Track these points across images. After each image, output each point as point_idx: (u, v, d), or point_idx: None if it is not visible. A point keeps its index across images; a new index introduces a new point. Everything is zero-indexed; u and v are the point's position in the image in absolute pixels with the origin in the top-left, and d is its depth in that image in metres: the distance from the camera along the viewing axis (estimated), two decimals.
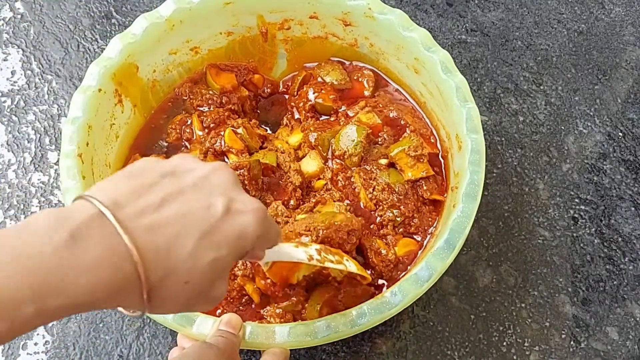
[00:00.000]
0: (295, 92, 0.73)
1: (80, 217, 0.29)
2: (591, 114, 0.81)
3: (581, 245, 0.71)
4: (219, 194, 0.34)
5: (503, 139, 0.78)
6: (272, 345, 0.51)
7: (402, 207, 0.63)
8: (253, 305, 0.59)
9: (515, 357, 0.64)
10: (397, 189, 0.63)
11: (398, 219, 0.63)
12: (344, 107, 0.71)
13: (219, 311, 0.58)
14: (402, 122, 0.68)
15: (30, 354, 0.62)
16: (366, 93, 0.72)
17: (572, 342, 0.65)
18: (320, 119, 0.72)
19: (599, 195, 0.75)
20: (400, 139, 0.67)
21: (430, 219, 0.64)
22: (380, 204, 0.63)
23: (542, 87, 0.83)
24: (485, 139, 0.78)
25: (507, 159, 0.77)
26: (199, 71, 0.72)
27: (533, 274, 0.69)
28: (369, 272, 0.61)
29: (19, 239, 0.28)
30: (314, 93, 0.71)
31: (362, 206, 0.65)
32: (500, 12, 0.90)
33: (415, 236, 0.64)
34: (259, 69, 0.75)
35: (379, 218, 0.64)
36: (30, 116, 0.78)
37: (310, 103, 0.71)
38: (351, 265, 0.56)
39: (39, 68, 0.82)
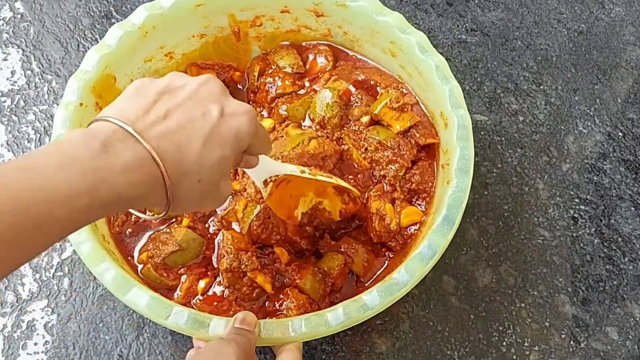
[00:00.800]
0: (255, 87, 0.74)
1: (104, 132, 0.35)
2: (591, 113, 0.81)
3: (581, 245, 0.71)
4: (211, 102, 0.40)
5: (503, 138, 0.78)
6: (289, 339, 0.51)
7: (399, 159, 0.64)
8: (267, 304, 0.60)
9: (515, 357, 0.64)
10: (389, 144, 0.64)
11: (400, 174, 0.64)
12: (307, 84, 0.72)
13: (231, 312, 0.59)
14: (372, 83, 0.69)
15: (30, 354, 0.62)
16: (327, 68, 0.73)
17: (571, 342, 0.65)
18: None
19: (599, 195, 0.75)
20: (379, 96, 0.68)
21: (430, 174, 0.65)
22: (378, 163, 0.64)
23: (542, 87, 0.83)
24: (485, 138, 0.78)
25: (507, 158, 0.77)
26: (178, 71, 0.72)
27: (533, 274, 0.69)
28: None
29: (61, 151, 0.33)
30: (272, 85, 0.71)
31: (355, 166, 0.66)
32: (500, 11, 0.90)
33: (419, 199, 0.65)
34: (238, 66, 0.76)
35: (385, 182, 0.64)
36: (30, 116, 0.78)
37: (271, 96, 0.71)
38: (339, 181, 0.61)
39: (39, 68, 0.82)
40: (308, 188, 0.61)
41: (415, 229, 0.63)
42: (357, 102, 0.69)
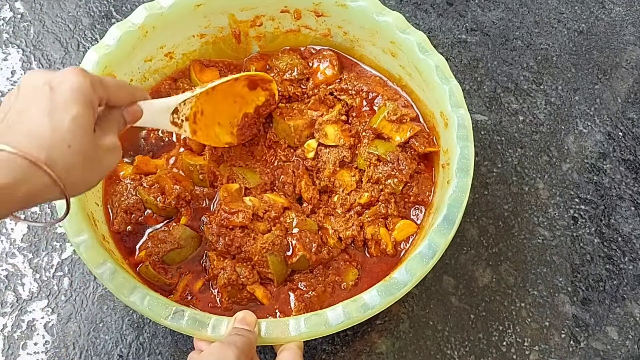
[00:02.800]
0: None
1: None
2: (591, 113, 0.81)
3: (581, 244, 0.71)
4: (39, 84, 0.42)
5: (503, 138, 0.78)
6: (289, 338, 0.51)
7: (397, 174, 0.64)
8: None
9: (515, 357, 0.64)
10: (389, 158, 0.64)
11: (399, 188, 0.64)
12: (310, 92, 0.71)
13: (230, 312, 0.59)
14: (374, 94, 0.70)
15: (30, 354, 0.62)
16: (333, 72, 0.72)
17: (571, 342, 0.65)
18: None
19: (599, 195, 0.75)
20: (378, 110, 0.68)
21: (428, 185, 0.65)
22: (378, 180, 0.64)
23: (542, 87, 0.83)
24: (485, 138, 0.78)
25: (507, 158, 0.77)
26: (178, 70, 0.72)
27: (533, 273, 0.69)
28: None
29: None
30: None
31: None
32: (500, 11, 0.90)
33: (416, 210, 0.65)
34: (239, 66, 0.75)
35: (380, 199, 0.64)
36: None
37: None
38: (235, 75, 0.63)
39: (39, 68, 0.82)
40: (226, 107, 0.64)
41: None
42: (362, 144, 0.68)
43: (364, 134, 0.67)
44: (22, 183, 0.39)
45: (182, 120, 0.59)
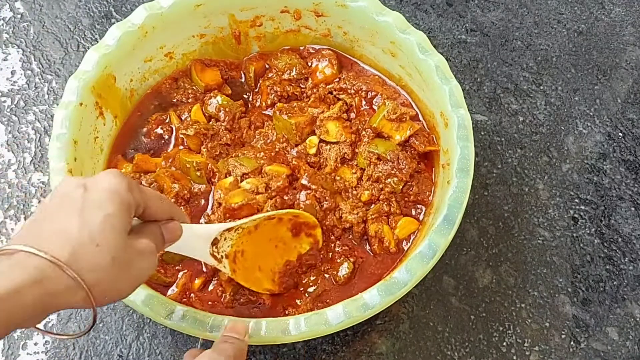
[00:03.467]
0: (254, 86, 0.74)
1: None
2: (591, 114, 0.81)
3: (581, 245, 0.71)
4: (72, 188, 0.40)
5: (503, 139, 0.78)
6: (289, 338, 0.51)
7: (397, 173, 0.64)
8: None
9: (515, 358, 0.64)
10: (389, 157, 0.64)
11: (399, 187, 0.64)
12: (309, 92, 0.72)
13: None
14: (373, 93, 0.70)
15: (30, 354, 0.62)
16: (332, 71, 0.72)
17: (572, 343, 0.65)
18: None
19: (599, 195, 0.75)
20: (377, 110, 0.68)
21: (428, 184, 0.66)
22: (378, 180, 0.64)
23: (542, 87, 0.83)
24: (485, 139, 0.78)
25: (507, 159, 0.77)
26: (179, 69, 0.72)
27: (533, 274, 0.69)
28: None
29: None
30: (272, 91, 0.71)
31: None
32: (500, 12, 0.90)
33: (416, 209, 0.65)
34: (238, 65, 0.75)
35: (381, 199, 0.64)
36: (30, 116, 0.78)
37: (270, 100, 0.71)
38: (279, 211, 0.59)
39: (39, 68, 0.82)
40: (268, 252, 0.60)
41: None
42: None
43: (363, 132, 0.67)
44: (33, 286, 0.35)
45: (222, 257, 0.56)
